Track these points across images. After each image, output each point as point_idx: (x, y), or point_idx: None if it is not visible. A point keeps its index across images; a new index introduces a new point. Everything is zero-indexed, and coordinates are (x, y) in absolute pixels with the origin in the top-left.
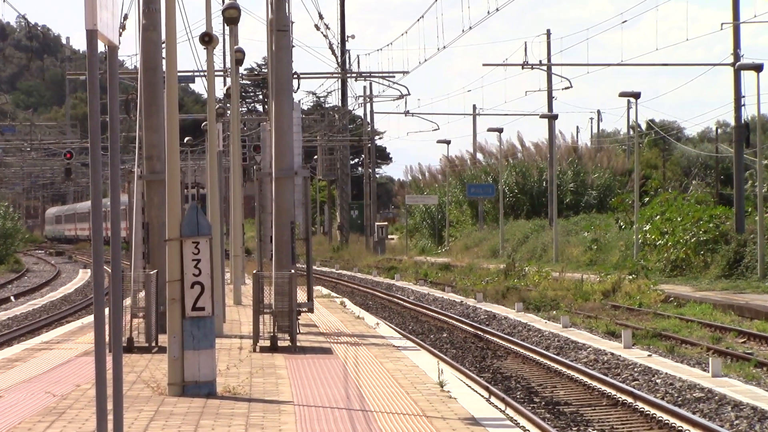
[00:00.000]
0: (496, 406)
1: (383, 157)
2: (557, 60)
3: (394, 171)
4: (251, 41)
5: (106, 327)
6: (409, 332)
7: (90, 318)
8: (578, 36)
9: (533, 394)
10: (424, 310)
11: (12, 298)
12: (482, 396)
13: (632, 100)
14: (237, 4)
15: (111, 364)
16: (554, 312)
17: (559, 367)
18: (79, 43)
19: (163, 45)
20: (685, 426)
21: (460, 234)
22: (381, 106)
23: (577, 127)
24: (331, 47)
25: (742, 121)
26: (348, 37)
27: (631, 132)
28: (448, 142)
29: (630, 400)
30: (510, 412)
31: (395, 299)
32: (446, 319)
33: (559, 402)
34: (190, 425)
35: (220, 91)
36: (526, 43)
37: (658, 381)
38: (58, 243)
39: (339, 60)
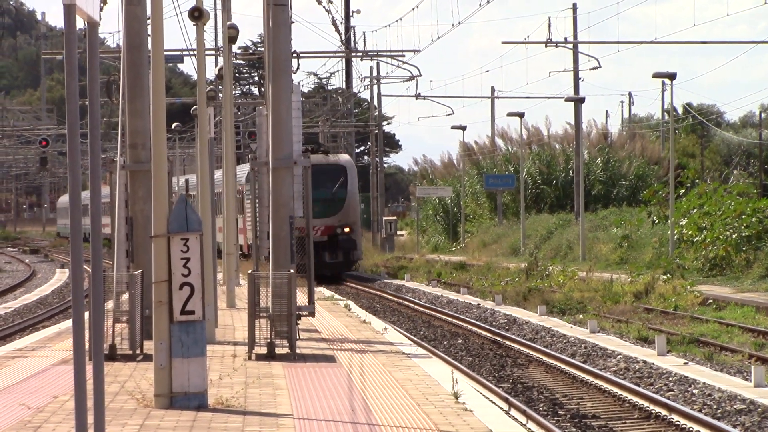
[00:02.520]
0: (517, 420)
1: (392, 144)
2: (584, 37)
3: (403, 160)
4: (246, 17)
5: (86, 333)
6: (421, 338)
7: (68, 323)
8: (607, 11)
9: (557, 406)
10: (437, 314)
11: None
12: (501, 408)
13: (667, 81)
14: None
15: (91, 374)
16: (581, 316)
17: (586, 377)
18: (56, 19)
19: (149, 21)
20: None
21: (477, 229)
22: (389, 89)
23: (607, 112)
24: (334, 23)
25: None
26: (353, 12)
27: (666, 117)
28: (463, 128)
29: (664, 412)
30: (532, 426)
31: (405, 302)
32: (461, 323)
33: (586, 415)
34: None
35: (211, 72)
36: (549, 18)
37: (695, 391)
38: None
39: (343, 37)
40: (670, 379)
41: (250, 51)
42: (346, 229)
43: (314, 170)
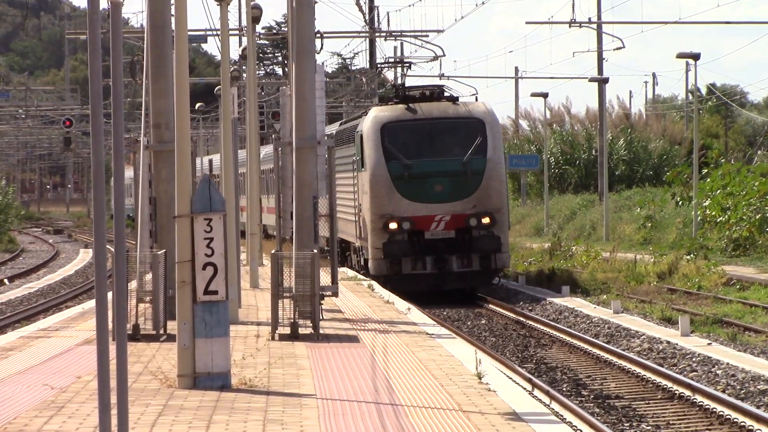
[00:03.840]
0: (540, 400)
1: None
2: (608, 17)
3: None
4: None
5: (109, 313)
6: (444, 319)
7: (91, 303)
8: None
9: (581, 386)
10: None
11: (6, 281)
12: (525, 389)
13: (691, 62)
14: None
15: (115, 354)
16: (604, 296)
17: (610, 357)
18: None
19: (172, 1)
20: (749, 421)
21: None
22: (413, 69)
23: (630, 92)
24: (357, 3)
25: None
26: None
27: (690, 97)
28: None
29: (688, 393)
30: (555, 406)
31: None
32: (484, 303)
33: (609, 395)
34: (202, 421)
35: (235, 53)
36: None
37: (719, 372)
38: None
39: (366, 17)
40: (694, 359)
41: (274, 31)
42: (485, 220)
43: (433, 127)
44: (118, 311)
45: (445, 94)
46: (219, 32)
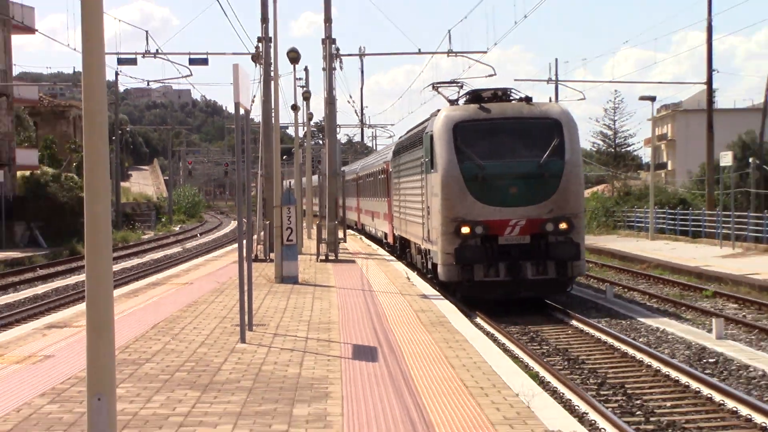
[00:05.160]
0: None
1: None
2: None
3: None
4: (316, 109)
5: (245, 249)
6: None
7: (236, 245)
8: None
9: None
10: None
11: (198, 235)
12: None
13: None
14: (309, 91)
15: (247, 267)
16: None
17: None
18: (231, 109)
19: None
20: None
21: None
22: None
23: None
24: (356, 111)
25: None
26: (364, 106)
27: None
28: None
29: None
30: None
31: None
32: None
33: None
34: (285, 296)
35: (301, 132)
36: None
37: None
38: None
39: (360, 117)
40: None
41: (319, 123)
42: (563, 225)
43: (508, 127)
44: (247, 248)
45: (515, 95)
46: (293, 125)
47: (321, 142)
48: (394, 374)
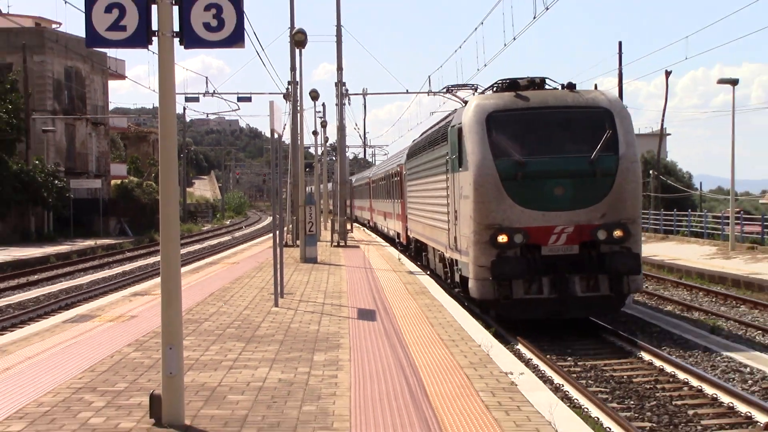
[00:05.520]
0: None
1: None
2: None
3: None
4: (330, 133)
5: (278, 237)
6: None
7: (271, 234)
8: None
9: None
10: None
11: (243, 227)
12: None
13: None
14: (326, 121)
15: (279, 251)
16: None
17: None
18: (268, 133)
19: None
20: None
21: None
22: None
23: None
24: (360, 135)
25: None
26: (367, 132)
27: None
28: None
29: None
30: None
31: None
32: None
33: None
34: (308, 272)
35: (319, 150)
36: None
37: None
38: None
39: (363, 140)
40: None
41: (333, 144)
42: (617, 233)
43: (550, 117)
44: (279, 237)
45: (553, 83)
46: (313, 145)
47: (334, 158)
48: (388, 330)
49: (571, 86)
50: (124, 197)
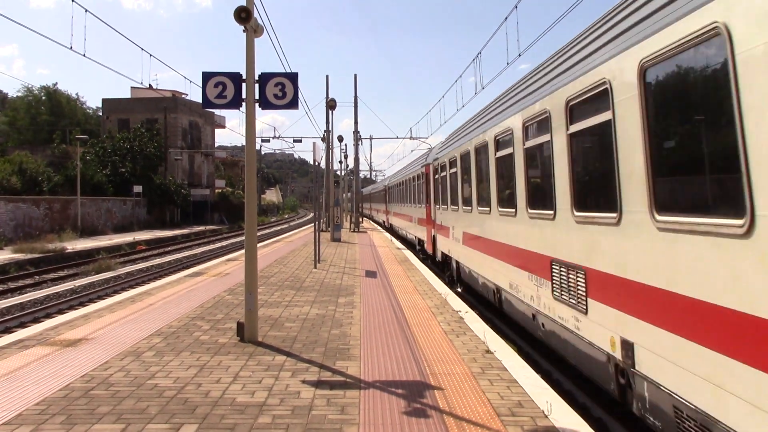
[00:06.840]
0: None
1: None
2: None
3: None
4: (350, 162)
5: (316, 225)
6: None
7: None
8: None
9: None
10: None
11: (295, 218)
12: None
13: None
14: (347, 154)
15: (318, 234)
16: None
17: None
18: (311, 161)
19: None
20: None
21: None
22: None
23: None
24: (368, 163)
25: None
26: (372, 162)
27: None
28: None
29: None
30: None
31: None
32: None
33: None
34: (335, 248)
35: (343, 172)
36: None
37: None
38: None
39: (369, 166)
40: None
41: (351, 168)
42: None
43: None
44: (318, 225)
45: None
46: (340, 169)
47: (351, 177)
48: (384, 284)
49: None
50: (223, 200)
